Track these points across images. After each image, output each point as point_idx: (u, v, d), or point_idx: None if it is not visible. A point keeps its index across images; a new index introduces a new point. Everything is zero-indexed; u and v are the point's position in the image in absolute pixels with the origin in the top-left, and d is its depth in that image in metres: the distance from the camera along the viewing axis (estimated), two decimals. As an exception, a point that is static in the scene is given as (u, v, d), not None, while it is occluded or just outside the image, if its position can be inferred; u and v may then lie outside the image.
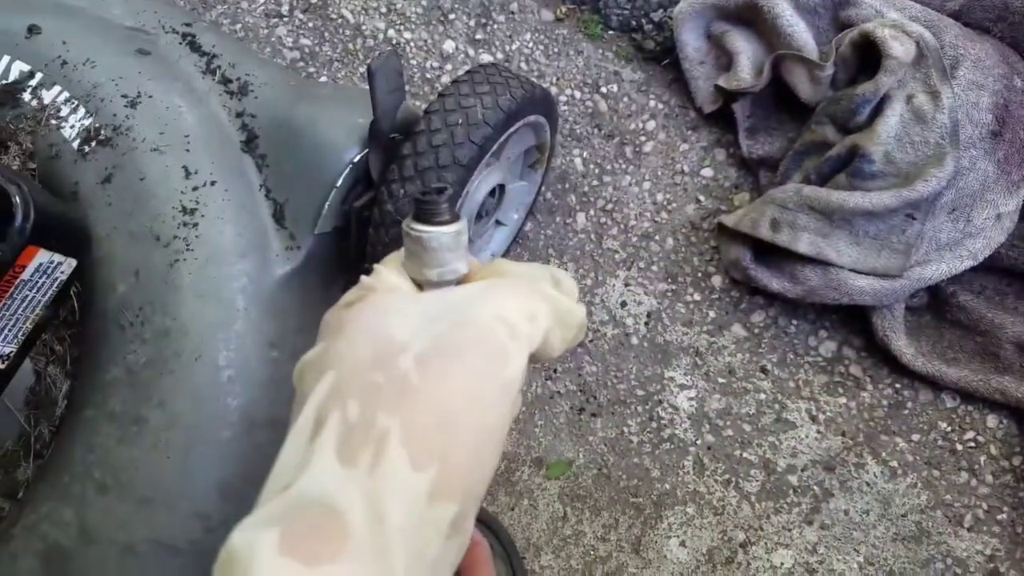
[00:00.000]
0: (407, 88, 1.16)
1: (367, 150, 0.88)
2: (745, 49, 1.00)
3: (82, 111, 0.90)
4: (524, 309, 0.31)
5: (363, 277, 0.35)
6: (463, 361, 0.29)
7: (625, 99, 1.13)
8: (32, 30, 0.95)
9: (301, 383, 0.31)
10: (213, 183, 0.87)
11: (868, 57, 0.93)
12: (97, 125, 0.89)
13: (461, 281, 0.36)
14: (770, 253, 0.97)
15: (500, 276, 0.34)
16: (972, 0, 0.94)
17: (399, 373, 0.29)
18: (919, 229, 0.90)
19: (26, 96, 0.91)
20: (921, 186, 0.87)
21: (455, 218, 0.35)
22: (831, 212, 0.90)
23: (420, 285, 0.36)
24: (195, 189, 0.86)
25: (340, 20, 1.17)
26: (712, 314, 1.04)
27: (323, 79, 1.14)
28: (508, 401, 0.30)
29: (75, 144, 0.88)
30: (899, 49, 0.88)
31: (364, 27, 1.17)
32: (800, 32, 0.95)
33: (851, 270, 0.92)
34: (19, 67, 0.92)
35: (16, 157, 0.90)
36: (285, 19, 1.17)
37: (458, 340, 0.30)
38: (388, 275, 0.35)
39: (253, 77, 0.96)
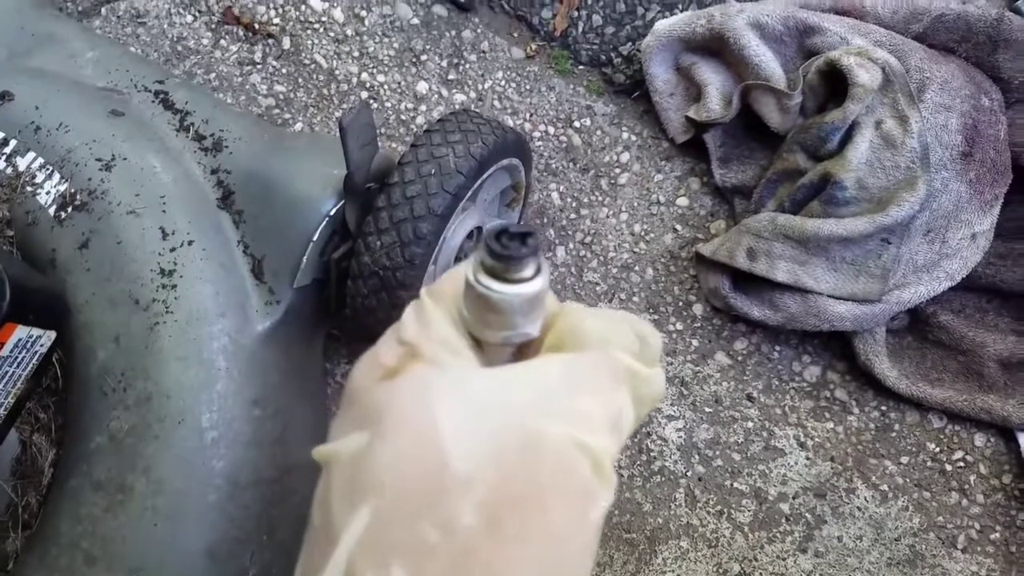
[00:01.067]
0: (382, 131, 1.18)
1: (343, 201, 0.90)
2: (713, 80, 1.02)
3: (57, 176, 0.92)
4: (607, 416, 0.26)
5: (408, 321, 0.29)
6: (541, 517, 0.24)
7: (598, 132, 1.15)
8: (4, 96, 0.97)
9: (327, 495, 0.26)
10: (191, 243, 0.89)
11: (836, 84, 0.95)
12: (73, 190, 0.91)
13: (530, 345, 0.30)
14: (749, 281, 0.99)
15: (576, 342, 0.29)
16: (935, 22, 0.96)
17: (459, 532, 0.23)
18: (895, 253, 0.92)
19: (0, 164, 0.93)
20: (894, 211, 0.89)
21: (537, 272, 0.28)
22: (806, 240, 0.92)
23: (477, 339, 0.30)
24: (172, 250, 0.88)
25: (313, 66, 1.19)
26: (695, 343, 1.06)
27: (299, 125, 1.16)
28: (590, 558, 0.25)
29: (51, 210, 0.90)
30: (864, 76, 0.90)
31: (337, 71, 1.19)
32: (767, 61, 0.97)
33: (830, 296, 0.93)
34: (-7, 134, 0.94)
35: (-7, 226, 0.92)
36: (259, 66, 1.19)
37: (533, 480, 0.24)
38: (439, 327, 0.28)
39: (227, 132, 0.98)
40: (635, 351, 0.29)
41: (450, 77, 1.19)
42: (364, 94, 1.18)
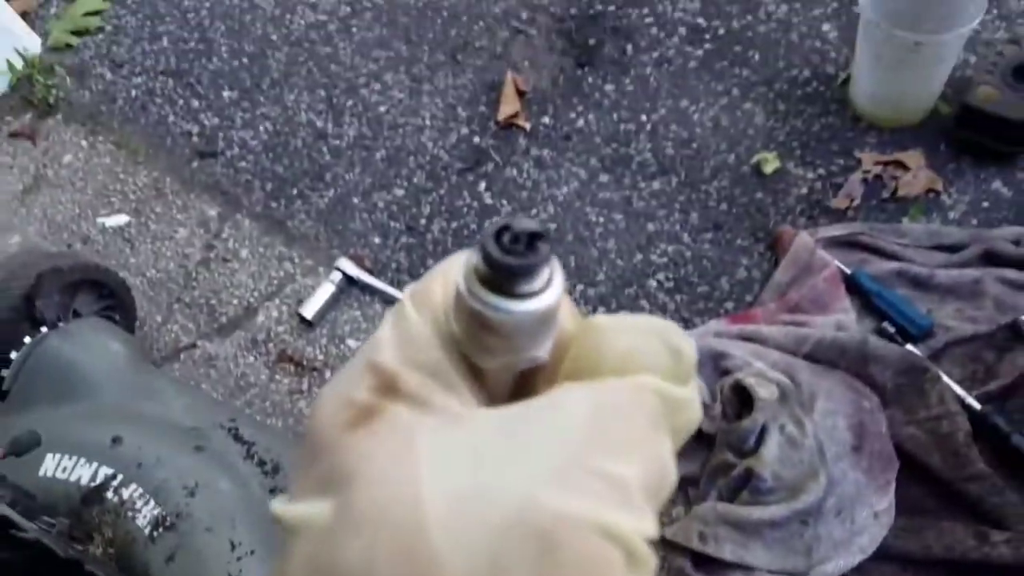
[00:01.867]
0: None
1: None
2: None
3: (152, 502, 1.21)
4: (644, 479, 0.21)
5: (386, 339, 0.24)
6: None
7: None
8: (116, 440, 1.29)
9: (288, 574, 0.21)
10: (252, 552, 1.15)
11: (745, 397, 1.25)
12: (164, 513, 1.19)
13: (538, 371, 0.25)
14: (708, 560, 1.22)
15: (599, 368, 0.23)
16: (817, 344, 1.29)
17: None
18: (814, 532, 1.15)
19: (109, 494, 1.22)
20: (805, 498, 1.14)
21: (549, 282, 0.23)
22: (742, 525, 1.16)
23: (472, 363, 0.24)
24: (239, 559, 1.14)
25: (348, 388, 1.53)
26: (670, 615, 1.25)
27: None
28: None
29: (147, 531, 1.18)
30: (764, 392, 1.20)
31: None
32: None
33: (769, 572, 1.16)
34: (104, 471, 1.24)
35: (99, 546, 1.19)
36: (305, 394, 1.53)
37: None
38: (426, 349, 0.23)
39: (283, 458, 1.28)
40: (670, 370, 0.23)
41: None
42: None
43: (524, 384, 0.25)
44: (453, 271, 0.24)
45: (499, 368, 0.24)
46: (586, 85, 1.82)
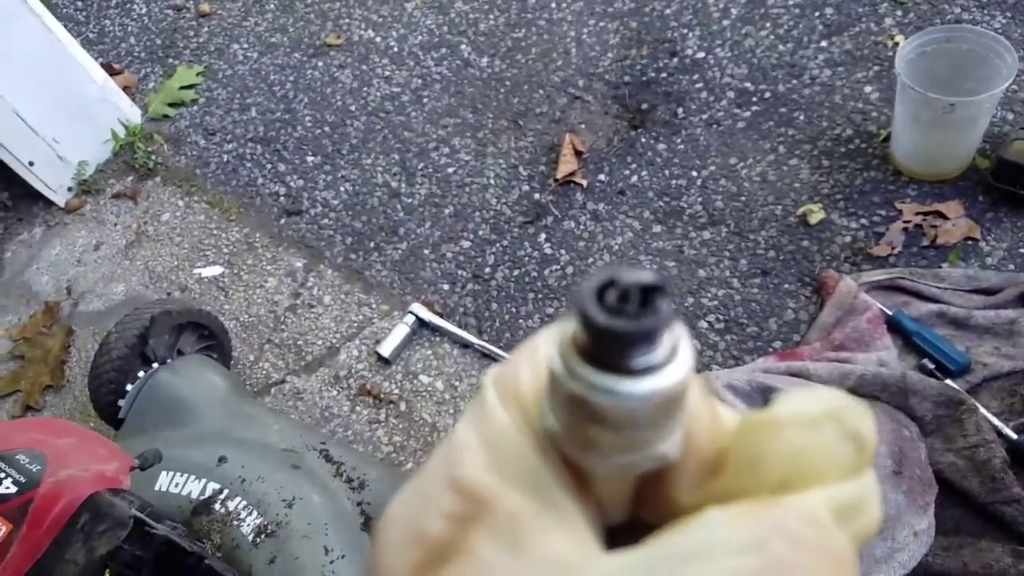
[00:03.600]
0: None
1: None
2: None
3: (255, 513, 1.41)
4: None
5: (466, 447, 0.20)
6: None
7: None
8: (221, 460, 1.51)
9: None
10: (343, 556, 1.34)
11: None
12: (265, 522, 1.40)
13: (665, 473, 0.21)
14: None
15: (762, 484, 0.20)
16: (860, 379, 1.45)
17: None
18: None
19: (217, 506, 1.44)
20: (848, 516, 1.29)
21: (673, 352, 0.19)
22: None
23: (577, 466, 0.20)
24: (332, 562, 1.33)
25: (421, 421, 1.73)
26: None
27: (410, 465, 1.67)
28: None
29: (250, 538, 1.38)
30: (809, 420, 1.37)
31: (439, 425, 1.72)
32: (741, 411, 1.45)
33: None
34: (212, 486, 1.46)
35: (209, 550, 1.40)
36: (382, 424, 1.74)
37: None
38: (519, 456, 0.20)
39: (368, 475, 1.49)
40: (848, 464, 0.20)
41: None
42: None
43: (647, 490, 0.21)
44: (543, 348, 0.20)
45: (613, 472, 0.20)
46: (639, 145, 2.05)
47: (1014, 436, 1.37)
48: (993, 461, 1.32)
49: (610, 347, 0.19)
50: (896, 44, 1.99)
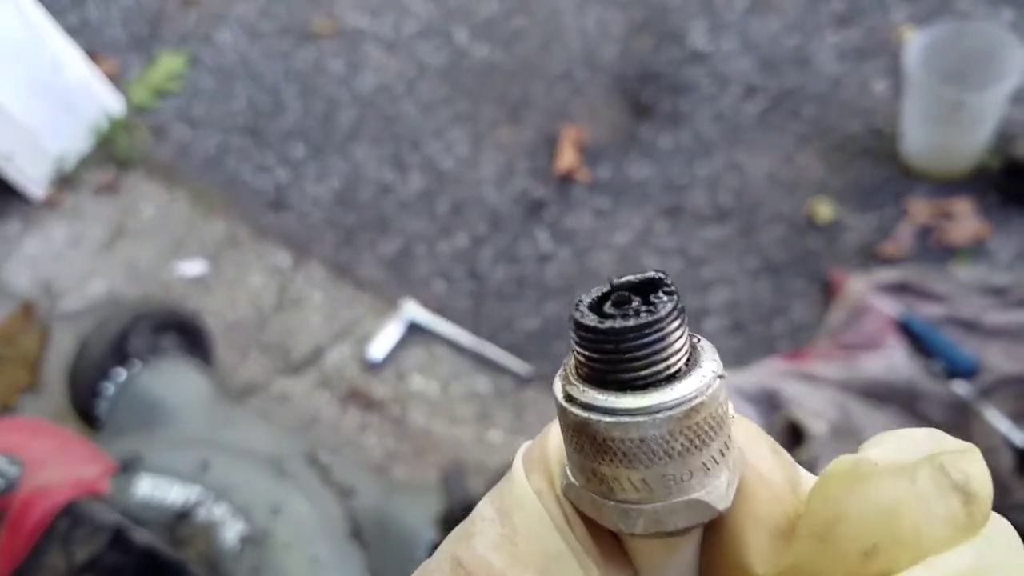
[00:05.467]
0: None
1: (443, 530, 1.36)
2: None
3: (240, 520, 1.41)
4: None
5: (484, 527, 0.19)
6: None
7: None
8: (205, 465, 1.51)
9: None
10: (330, 566, 1.34)
11: (799, 432, 1.41)
12: (250, 530, 1.40)
13: (727, 538, 0.18)
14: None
15: (835, 545, 0.17)
16: (868, 382, 1.45)
17: None
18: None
19: (201, 511, 1.43)
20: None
21: (689, 356, 0.18)
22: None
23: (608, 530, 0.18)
24: (318, 572, 1.33)
25: (413, 425, 1.73)
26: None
27: (402, 472, 1.67)
28: None
29: (233, 545, 1.38)
30: (816, 427, 1.37)
31: (432, 428, 1.72)
32: (748, 415, 1.46)
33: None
34: (195, 491, 1.46)
35: (192, 558, 1.40)
36: (374, 428, 1.74)
37: None
38: (539, 537, 0.18)
39: (357, 481, 1.48)
40: (959, 522, 0.17)
41: (516, 427, 1.70)
42: (452, 450, 1.70)
43: (711, 567, 0.18)
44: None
45: (647, 532, 0.17)
46: (643, 138, 2.05)
47: (1020, 442, 1.37)
48: (1000, 467, 1.33)
49: (606, 355, 0.16)
50: (904, 38, 2.00)
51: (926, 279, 1.61)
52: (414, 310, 1.84)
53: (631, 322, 0.16)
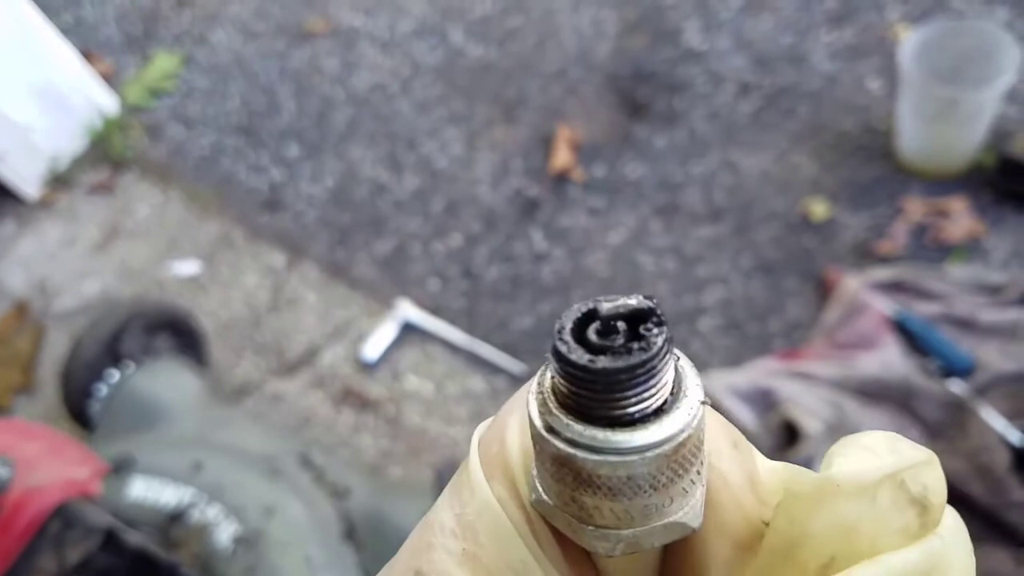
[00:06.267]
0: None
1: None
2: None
3: (234, 521, 1.40)
4: None
5: (441, 537, 0.18)
6: None
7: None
8: (198, 465, 1.50)
9: None
10: (324, 566, 1.33)
11: (794, 431, 1.41)
12: (243, 531, 1.39)
13: (691, 549, 0.18)
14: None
15: (797, 556, 0.17)
16: (863, 381, 1.44)
17: None
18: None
19: (195, 512, 1.42)
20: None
21: (674, 391, 0.17)
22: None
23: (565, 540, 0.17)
24: (313, 573, 1.32)
25: (408, 425, 1.72)
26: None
27: (398, 470, 1.66)
28: None
29: (227, 546, 1.37)
30: (811, 426, 1.36)
31: (427, 428, 1.71)
32: (743, 414, 1.45)
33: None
34: (189, 492, 1.45)
35: (185, 559, 1.39)
36: (369, 427, 1.73)
37: None
38: (502, 546, 0.17)
39: (351, 482, 1.48)
40: (912, 530, 0.17)
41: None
42: (446, 446, 1.69)
43: (674, 565, 0.18)
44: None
45: (620, 552, 0.16)
46: (637, 138, 2.05)
47: (1016, 441, 1.37)
48: (996, 465, 1.32)
49: (594, 392, 0.15)
50: (899, 36, 1.99)
51: (921, 277, 1.60)
52: (409, 310, 1.83)
53: (621, 363, 0.16)
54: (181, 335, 1.79)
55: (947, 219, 1.69)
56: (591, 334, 0.16)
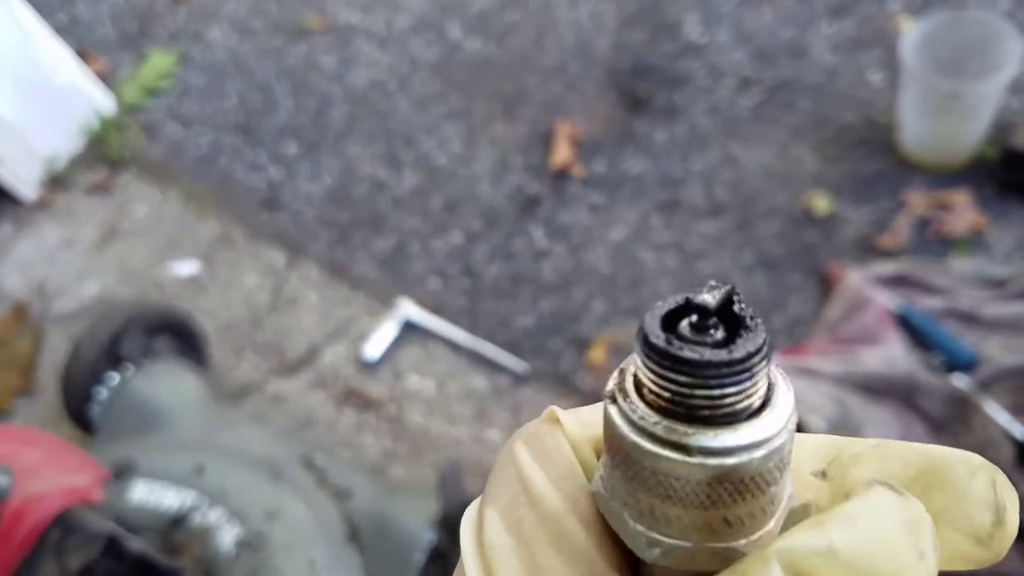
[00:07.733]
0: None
1: (439, 530, 1.34)
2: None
3: (236, 524, 1.39)
4: None
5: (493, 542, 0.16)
6: None
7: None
8: (199, 469, 1.49)
9: None
10: (328, 568, 1.33)
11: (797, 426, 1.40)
12: (246, 535, 1.38)
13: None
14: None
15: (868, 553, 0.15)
16: (867, 376, 1.43)
17: None
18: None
19: (197, 516, 1.42)
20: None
21: (768, 396, 0.16)
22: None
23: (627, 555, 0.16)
24: (316, 574, 1.32)
25: (411, 424, 1.71)
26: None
27: (400, 471, 1.65)
28: None
29: (230, 550, 1.36)
30: (814, 423, 1.35)
31: (430, 427, 1.70)
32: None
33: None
34: (190, 496, 1.44)
35: (187, 564, 1.38)
36: (371, 427, 1.72)
37: None
38: (564, 538, 0.16)
39: (353, 483, 1.47)
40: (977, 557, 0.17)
41: (513, 426, 1.69)
42: (450, 448, 1.68)
43: None
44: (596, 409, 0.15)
45: (678, 564, 0.15)
46: (638, 133, 2.03)
47: (1020, 436, 1.36)
48: (1000, 461, 1.31)
49: (690, 390, 0.14)
50: (901, 28, 1.97)
51: (924, 271, 1.59)
52: (409, 309, 1.82)
53: (728, 356, 0.15)
54: (181, 337, 1.78)
55: (950, 212, 1.68)
56: (683, 330, 0.16)
